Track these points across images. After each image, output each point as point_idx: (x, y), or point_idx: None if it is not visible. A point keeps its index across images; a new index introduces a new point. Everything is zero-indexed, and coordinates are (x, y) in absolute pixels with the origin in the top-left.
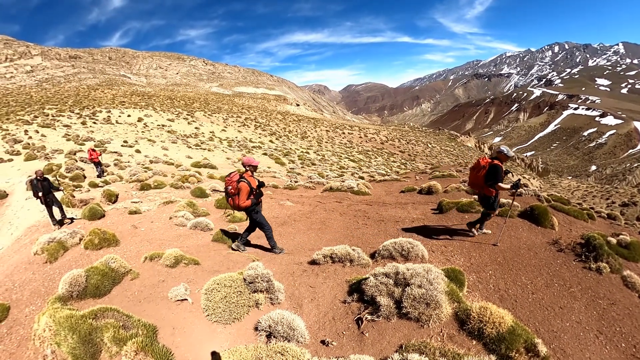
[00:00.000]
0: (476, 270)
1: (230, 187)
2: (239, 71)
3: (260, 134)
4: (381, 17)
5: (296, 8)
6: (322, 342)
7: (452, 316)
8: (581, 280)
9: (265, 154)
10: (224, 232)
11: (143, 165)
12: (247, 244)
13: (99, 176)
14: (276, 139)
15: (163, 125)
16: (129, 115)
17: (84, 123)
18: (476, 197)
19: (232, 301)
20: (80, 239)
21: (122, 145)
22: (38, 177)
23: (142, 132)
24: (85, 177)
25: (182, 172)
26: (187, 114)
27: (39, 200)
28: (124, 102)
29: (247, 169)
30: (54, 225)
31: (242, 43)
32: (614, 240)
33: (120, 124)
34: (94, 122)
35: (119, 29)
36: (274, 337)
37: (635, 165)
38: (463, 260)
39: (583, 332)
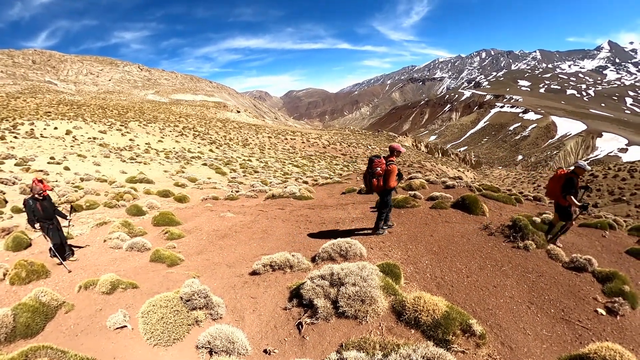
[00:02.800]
0: (413, 262)
1: (379, 169)
2: (177, 77)
3: (199, 143)
4: (322, 24)
5: (238, 13)
6: (265, 351)
7: (389, 309)
8: (511, 259)
9: (205, 164)
10: (162, 251)
11: (73, 184)
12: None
13: None
14: (216, 147)
15: (94, 138)
16: (55, 128)
17: (2, 138)
18: (411, 192)
19: (169, 322)
20: (5, 274)
21: (48, 163)
22: (37, 195)
23: (71, 146)
24: (6, 202)
25: (117, 189)
26: (121, 125)
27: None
28: (49, 112)
29: (394, 153)
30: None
31: (180, 47)
32: (538, 219)
33: (46, 137)
34: (15, 137)
35: (45, 28)
36: (215, 352)
37: (555, 152)
38: (400, 254)
39: (516, 305)
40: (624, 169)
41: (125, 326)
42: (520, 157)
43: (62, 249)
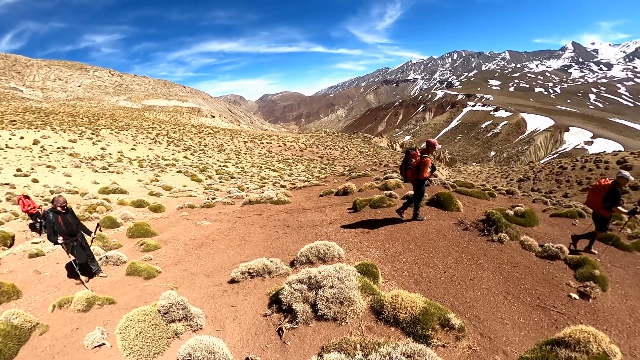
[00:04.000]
0: (391, 260)
1: (413, 160)
2: (149, 82)
3: (173, 150)
4: (297, 28)
5: (212, 16)
6: (247, 359)
7: (368, 309)
8: (486, 252)
9: (179, 171)
10: (138, 263)
11: (42, 197)
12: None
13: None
14: (191, 154)
15: (64, 148)
16: (22, 137)
17: None
18: (386, 192)
19: (148, 336)
20: None
21: (15, 175)
22: (59, 207)
23: (40, 157)
24: None
25: (89, 201)
26: (92, 133)
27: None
28: (15, 121)
29: (430, 148)
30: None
31: (153, 51)
32: (511, 212)
33: (12, 148)
34: None
35: (9, 30)
36: None
37: (525, 147)
38: (378, 253)
39: (493, 296)
40: (590, 160)
41: (104, 344)
42: (492, 153)
43: (87, 267)
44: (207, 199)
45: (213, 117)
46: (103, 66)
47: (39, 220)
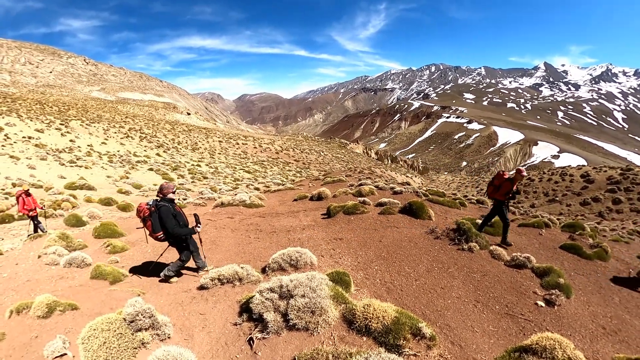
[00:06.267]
0: (363, 268)
1: (496, 180)
2: (125, 74)
3: (146, 146)
4: (280, 30)
5: (197, 10)
6: None
7: (340, 318)
8: (457, 261)
9: (151, 169)
10: (103, 266)
11: (3, 190)
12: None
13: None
14: (164, 151)
15: (30, 137)
16: None
17: None
18: (360, 198)
19: (113, 346)
20: None
21: None
22: (171, 194)
23: (2, 145)
24: None
25: (54, 197)
26: (61, 123)
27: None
28: None
29: (516, 175)
30: None
31: (132, 42)
32: (481, 222)
33: None
34: None
35: None
36: None
37: (496, 159)
38: (350, 260)
39: (463, 304)
40: (556, 173)
41: (65, 354)
42: (464, 163)
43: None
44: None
45: (189, 114)
46: (78, 53)
47: (37, 223)
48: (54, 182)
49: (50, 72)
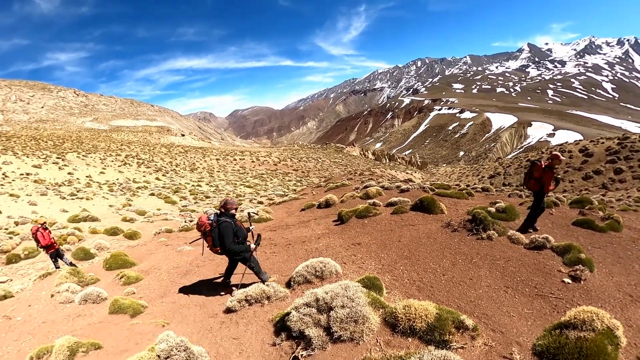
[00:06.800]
0: (389, 270)
1: (536, 172)
2: (116, 102)
3: (144, 171)
4: (265, 43)
5: (180, 33)
6: None
7: (381, 323)
8: (479, 250)
9: (152, 194)
10: (121, 299)
11: (6, 229)
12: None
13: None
14: (163, 175)
15: (28, 174)
16: None
17: None
18: (370, 201)
19: None
20: None
21: None
22: (234, 210)
23: (1, 184)
24: None
25: (59, 231)
26: (58, 157)
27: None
28: None
29: (553, 160)
30: None
31: (119, 70)
32: (493, 209)
33: None
34: None
35: None
36: None
37: (492, 145)
38: (374, 264)
39: (494, 292)
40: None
41: None
42: (461, 153)
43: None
44: (185, 221)
45: (183, 135)
46: (67, 86)
47: (57, 257)
48: (57, 217)
49: (42, 107)
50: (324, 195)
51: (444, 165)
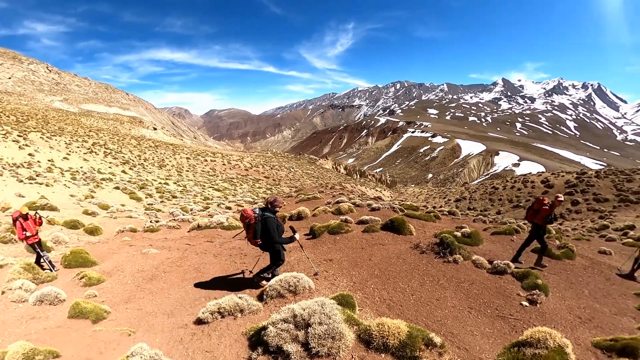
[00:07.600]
0: (360, 288)
1: (535, 205)
2: (90, 85)
3: (110, 162)
4: (251, 46)
5: (167, 23)
6: None
7: (356, 340)
8: (445, 273)
9: (117, 187)
10: (83, 303)
11: None
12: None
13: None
14: (130, 168)
15: None
16: None
17: None
18: (342, 217)
19: None
20: None
21: None
22: (278, 207)
23: None
24: None
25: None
26: (19, 135)
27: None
28: None
29: (554, 201)
30: None
31: (99, 51)
32: (459, 234)
33: None
34: None
35: None
36: None
37: (460, 169)
38: (346, 281)
39: (459, 312)
40: (518, 181)
41: None
42: (430, 175)
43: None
44: (150, 221)
45: (155, 129)
46: (40, 59)
47: (39, 250)
48: (12, 201)
49: (9, 78)
50: (295, 207)
51: (413, 185)
